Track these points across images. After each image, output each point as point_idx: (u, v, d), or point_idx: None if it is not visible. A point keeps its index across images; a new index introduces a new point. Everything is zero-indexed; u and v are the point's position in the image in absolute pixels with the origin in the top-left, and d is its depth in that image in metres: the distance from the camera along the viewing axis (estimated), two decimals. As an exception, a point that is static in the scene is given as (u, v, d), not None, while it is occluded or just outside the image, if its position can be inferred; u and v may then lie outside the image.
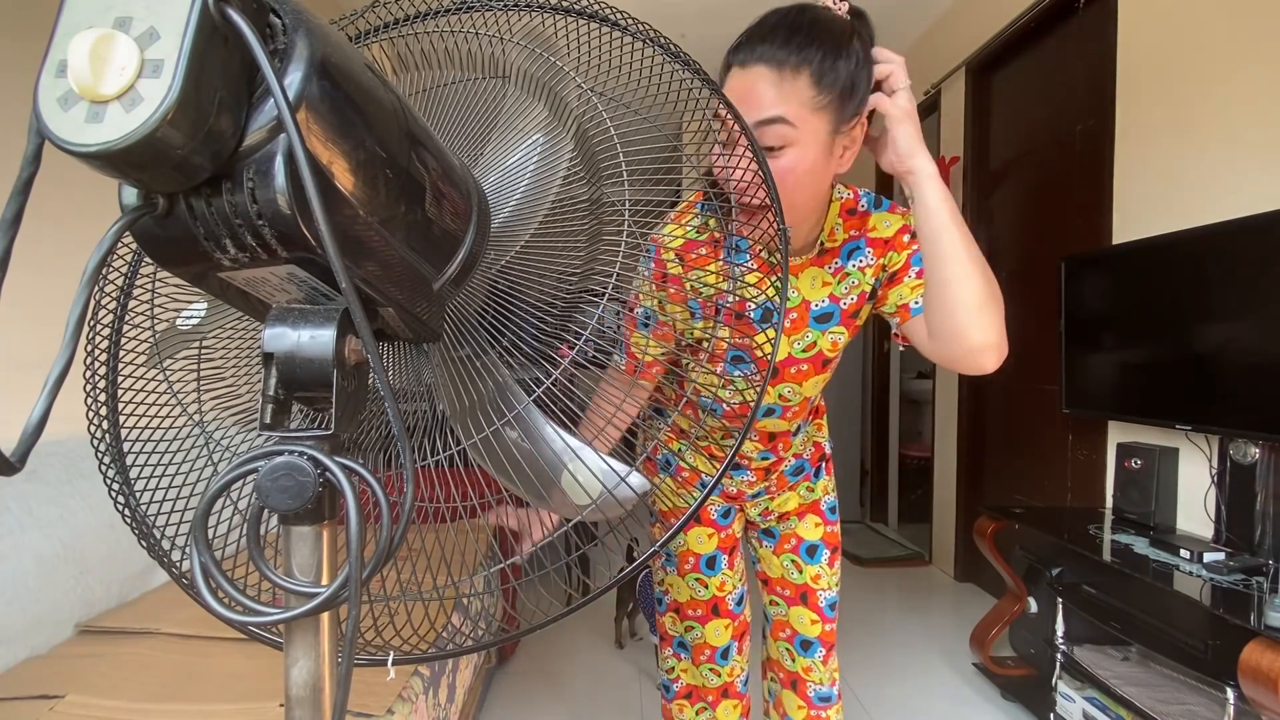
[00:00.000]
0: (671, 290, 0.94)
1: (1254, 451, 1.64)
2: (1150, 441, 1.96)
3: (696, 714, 1.26)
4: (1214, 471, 1.76)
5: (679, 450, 1.17)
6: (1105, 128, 2.18)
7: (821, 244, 0.99)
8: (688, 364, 0.89)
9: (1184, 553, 1.62)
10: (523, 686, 2.11)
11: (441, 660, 1.36)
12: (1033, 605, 2.00)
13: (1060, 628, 1.87)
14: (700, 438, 1.10)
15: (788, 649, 1.22)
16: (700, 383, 0.80)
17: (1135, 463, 1.94)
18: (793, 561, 1.21)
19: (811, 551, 1.20)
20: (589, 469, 0.53)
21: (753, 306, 0.68)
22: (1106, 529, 1.90)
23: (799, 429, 1.14)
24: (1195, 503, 1.82)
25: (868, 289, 1.00)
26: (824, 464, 1.24)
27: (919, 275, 0.96)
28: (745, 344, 0.62)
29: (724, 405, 0.92)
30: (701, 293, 0.97)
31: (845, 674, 2.16)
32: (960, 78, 3.00)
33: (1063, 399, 2.15)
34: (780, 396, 1.06)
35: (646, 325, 0.97)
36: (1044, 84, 2.61)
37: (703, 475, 1.13)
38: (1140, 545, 1.73)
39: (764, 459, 1.16)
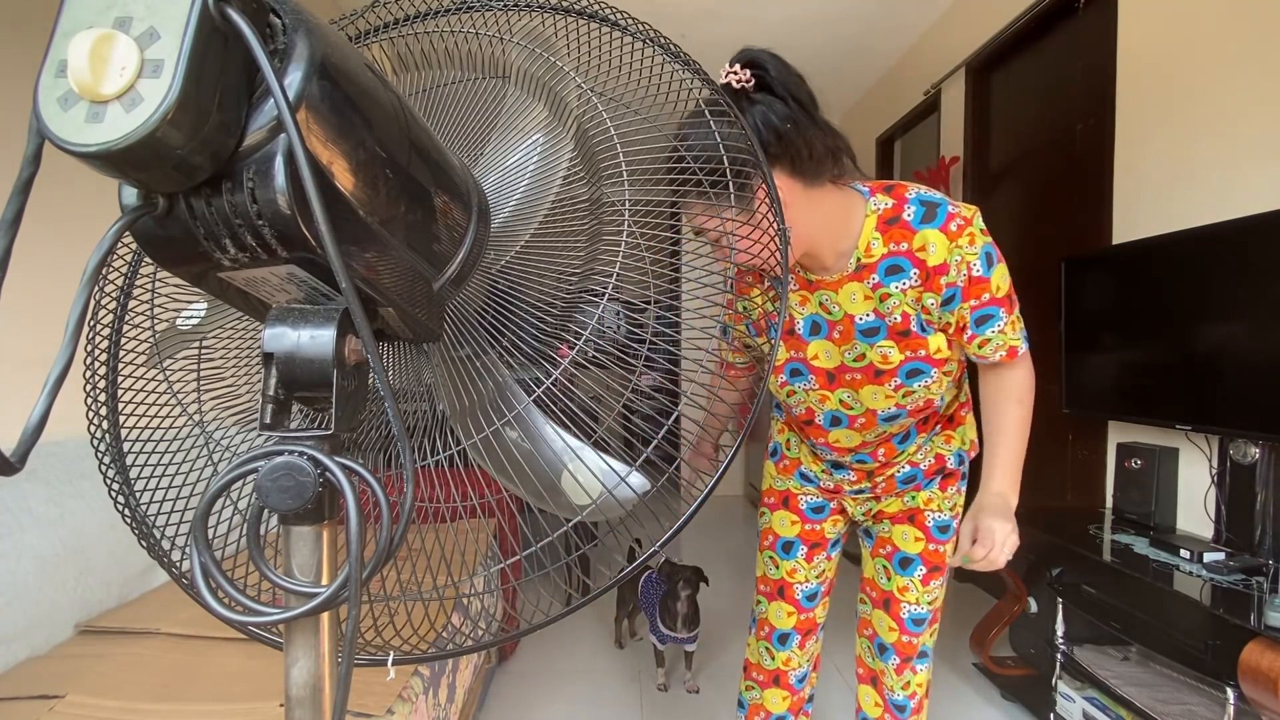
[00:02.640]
0: (729, 312, 1.03)
1: (1254, 451, 1.64)
2: (1150, 441, 1.96)
3: (747, 688, 1.32)
4: (1214, 471, 1.76)
5: (786, 440, 1.27)
6: (1105, 128, 2.18)
7: (858, 260, 0.97)
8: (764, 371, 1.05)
9: (1184, 553, 1.62)
10: (523, 686, 2.11)
11: (441, 660, 1.36)
12: (1033, 605, 1.99)
13: (1060, 628, 1.87)
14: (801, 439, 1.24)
15: (869, 647, 1.26)
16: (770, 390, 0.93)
17: (1135, 463, 1.94)
18: (884, 568, 1.20)
19: (905, 564, 1.18)
20: (589, 469, 0.53)
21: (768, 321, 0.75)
22: (1106, 529, 1.89)
23: (909, 438, 1.13)
24: (1195, 503, 1.82)
25: (911, 312, 0.97)
26: (941, 477, 1.17)
27: (971, 339, 0.99)
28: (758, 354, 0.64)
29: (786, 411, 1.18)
30: (750, 315, 1.09)
31: (843, 672, 2.16)
32: (960, 78, 3.00)
33: (1063, 399, 2.15)
34: (841, 403, 1.09)
35: (725, 333, 1.06)
36: (1044, 84, 2.61)
37: (801, 464, 1.25)
38: (1140, 545, 1.73)
39: (860, 461, 1.15)
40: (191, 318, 0.56)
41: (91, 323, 0.55)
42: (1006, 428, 1.02)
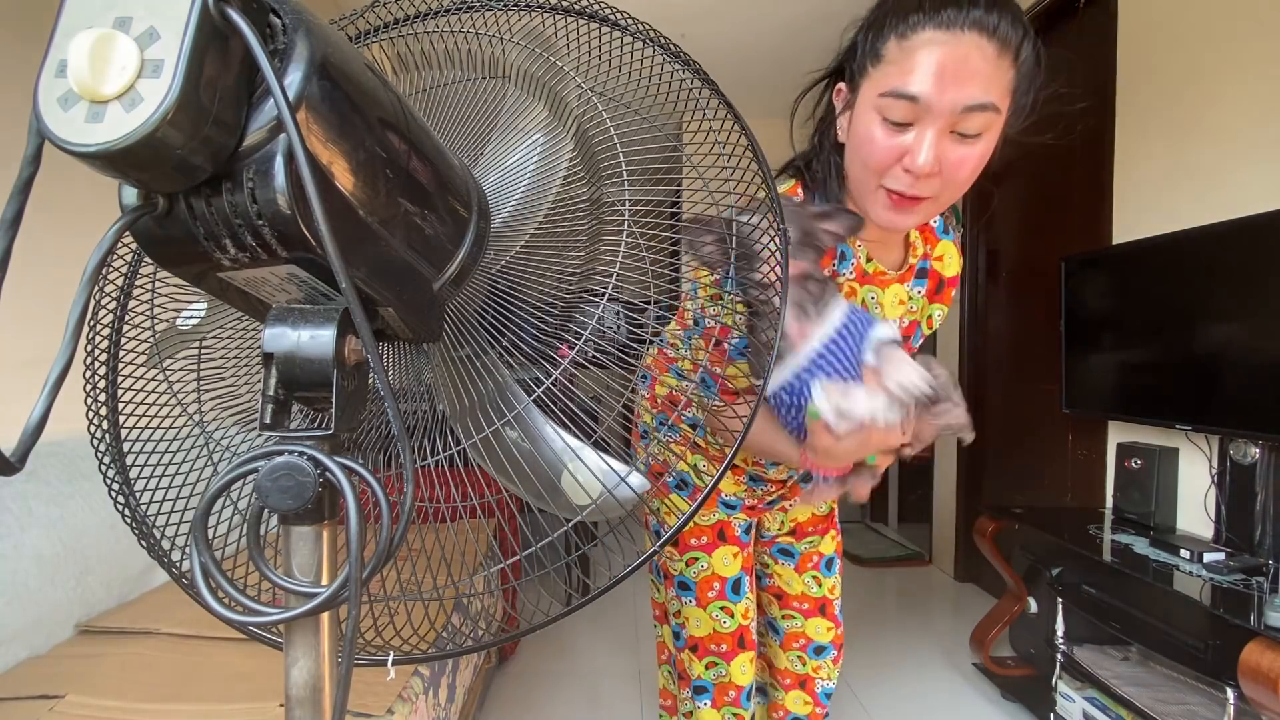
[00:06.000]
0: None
1: (1254, 451, 1.64)
2: (1150, 441, 1.96)
3: None
4: (1214, 471, 1.75)
5: (694, 466, 1.06)
6: (1105, 128, 2.18)
7: (908, 261, 0.92)
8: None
9: (1184, 553, 1.62)
10: (523, 686, 2.11)
11: (441, 660, 1.36)
12: (1033, 605, 1.99)
13: (1060, 628, 1.87)
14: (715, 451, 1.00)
15: (800, 656, 1.20)
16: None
17: (1135, 463, 1.94)
18: (814, 578, 1.19)
19: (829, 565, 1.20)
20: (589, 469, 0.53)
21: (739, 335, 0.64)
22: (1106, 529, 1.89)
23: None
24: (1195, 503, 1.82)
25: (919, 322, 0.97)
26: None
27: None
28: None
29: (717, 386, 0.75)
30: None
31: (845, 674, 2.16)
32: (960, 78, 3.00)
33: (1063, 399, 2.15)
34: None
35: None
36: (1044, 84, 2.61)
37: (721, 493, 1.06)
38: (1140, 545, 1.73)
39: (775, 467, 1.06)
40: (191, 318, 0.55)
41: (91, 323, 0.55)
42: None
